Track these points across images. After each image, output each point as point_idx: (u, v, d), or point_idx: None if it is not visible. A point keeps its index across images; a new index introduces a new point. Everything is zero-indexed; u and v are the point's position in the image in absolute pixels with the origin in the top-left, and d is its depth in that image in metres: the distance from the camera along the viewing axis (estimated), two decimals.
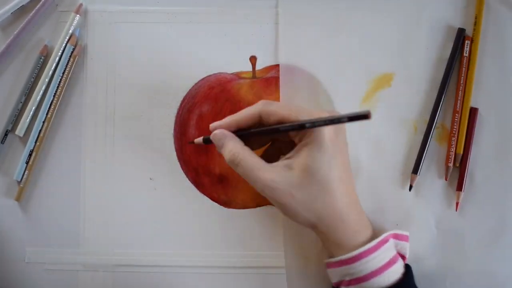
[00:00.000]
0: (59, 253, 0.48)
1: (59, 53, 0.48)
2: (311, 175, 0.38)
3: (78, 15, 0.48)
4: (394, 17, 0.48)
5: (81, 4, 0.48)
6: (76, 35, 0.48)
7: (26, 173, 0.47)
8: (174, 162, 0.48)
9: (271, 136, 0.43)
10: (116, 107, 0.48)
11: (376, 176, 0.47)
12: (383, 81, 0.47)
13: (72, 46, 0.48)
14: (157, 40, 0.48)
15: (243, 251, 0.48)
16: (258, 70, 0.48)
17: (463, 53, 0.47)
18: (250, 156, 0.39)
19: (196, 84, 0.48)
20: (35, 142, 0.48)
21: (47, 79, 0.48)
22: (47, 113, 0.48)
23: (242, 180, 0.46)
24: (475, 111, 0.47)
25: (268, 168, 0.39)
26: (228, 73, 0.48)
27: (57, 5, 0.49)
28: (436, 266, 0.46)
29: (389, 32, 0.48)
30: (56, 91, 0.48)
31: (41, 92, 0.48)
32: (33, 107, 0.48)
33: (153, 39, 0.49)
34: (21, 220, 0.48)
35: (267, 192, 0.39)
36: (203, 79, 0.48)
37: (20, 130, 0.48)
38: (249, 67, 0.48)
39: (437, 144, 0.47)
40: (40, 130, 0.48)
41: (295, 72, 0.48)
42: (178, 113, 0.48)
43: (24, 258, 0.48)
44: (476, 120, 0.47)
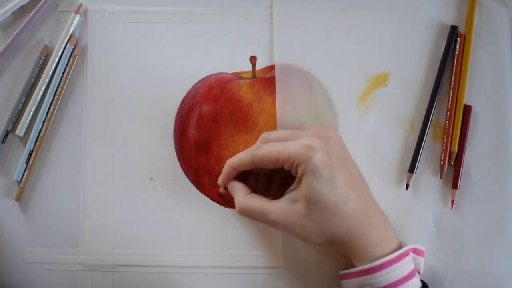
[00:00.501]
0: (59, 253, 0.48)
1: (59, 53, 0.48)
2: (315, 204, 0.38)
3: (78, 15, 0.48)
4: (390, 17, 0.48)
5: (81, 4, 0.48)
6: (76, 35, 0.48)
7: (26, 173, 0.47)
8: (174, 162, 0.48)
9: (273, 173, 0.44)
10: (116, 107, 0.48)
11: (373, 176, 0.47)
12: (379, 81, 0.47)
13: (72, 46, 0.48)
14: (157, 40, 0.48)
15: (243, 251, 0.48)
16: (258, 70, 0.48)
17: (456, 51, 0.47)
18: (255, 203, 0.41)
19: (196, 84, 0.48)
20: (35, 142, 0.48)
21: (47, 79, 0.48)
22: (47, 113, 0.48)
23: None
24: (469, 109, 0.47)
25: (275, 208, 0.40)
26: (228, 73, 0.48)
27: (57, 5, 0.49)
28: (436, 265, 0.46)
29: (385, 32, 0.48)
30: (56, 91, 0.48)
31: (41, 92, 0.48)
32: (33, 107, 0.48)
33: (153, 39, 0.49)
34: (21, 220, 0.48)
35: (281, 228, 0.40)
36: (203, 79, 0.48)
37: (20, 130, 0.48)
38: (249, 67, 0.48)
39: (433, 143, 0.47)
40: (40, 130, 0.48)
41: (292, 72, 0.47)
42: (178, 113, 0.48)
43: (24, 258, 0.48)
44: (470, 118, 0.47)
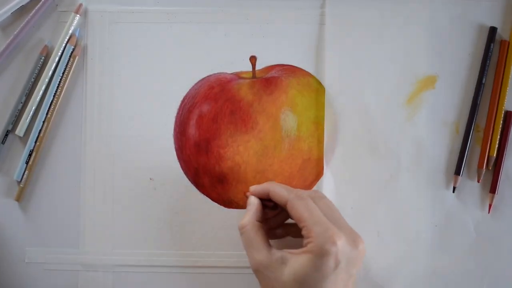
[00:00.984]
0: (59, 253, 0.48)
1: (59, 53, 0.48)
2: (298, 285, 0.36)
3: (78, 15, 0.48)
4: (438, 19, 0.48)
5: (81, 4, 0.48)
6: (76, 35, 0.48)
7: (26, 173, 0.47)
8: (174, 162, 0.48)
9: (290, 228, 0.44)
10: (116, 107, 0.48)
11: (417, 177, 0.47)
12: (427, 83, 0.48)
13: (72, 46, 0.48)
14: (157, 40, 0.48)
15: (243, 251, 0.47)
16: (258, 70, 0.48)
17: (495, 54, 0.47)
18: (253, 233, 0.40)
19: (196, 84, 0.48)
20: (35, 142, 0.48)
21: (47, 79, 0.48)
22: (47, 113, 0.48)
23: (242, 180, 0.46)
24: (510, 114, 0.47)
25: (264, 252, 0.39)
26: (228, 73, 0.48)
27: (57, 5, 0.49)
28: (475, 269, 0.47)
29: (433, 34, 0.48)
30: (56, 91, 0.48)
31: (41, 92, 0.48)
32: (33, 107, 0.48)
33: (153, 39, 0.49)
34: (21, 220, 0.48)
35: (253, 271, 0.39)
36: (203, 79, 0.48)
37: (20, 130, 0.48)
38: (249, 67, 0.48)
39: (477, 147, 0.48)
40: (40, 130, 0.48)
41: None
42: (178, 113, 0.48)
43: (24, 258, 0.48)
44: (511, 123, 0.47)
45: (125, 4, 0.49)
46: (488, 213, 0.47)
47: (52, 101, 0.48)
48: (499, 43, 0.48)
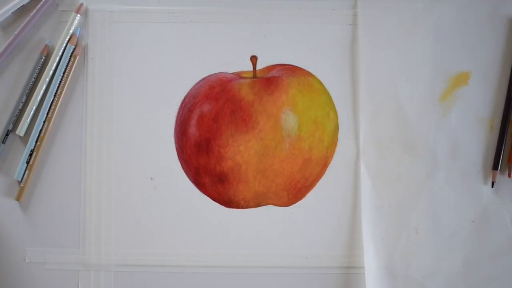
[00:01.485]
0: (60, 253, 0.48)
1: (60, 53, 0.48)
2: None
3: (79, 15, 0.48)
4: (470, 15, 0.48)
5: (82, 4, 0.48)
6: (77, 35, 0.48)
7: (27, 173, 0.47)
8: (175, 162, 0.48)
9: None
10: (117, 107, 0.48)
11: (454, 173, 0.48)
12: (460, 80, 0.48)
13: (73, 46, 0.48)
14: (158, 40, 0.49)
15: (243, 251, 0.48)
16: (259, 70, 0.48)
17: None
18: None
19: (197, 84, 0.48)
20: (36, 142, 0.48)
21: (48, 79, 0.48)
22: (48, 113, 0.48)
23: (243, 180, 0.46)
24: None
25: None
26: (229, 73, 0.48)
27: (58, 5, 0.49)
28: None
29: (465, 30, 0.48)
30: (57, 91, 0.48)
31: (42, 92, 0.48)
32: (34, 107, 0.48)
33: (154, 39, 0.49)
34: (21, 220, 0.48)
35: None
36: (204, 79, 0.48)
37: (21, 130, 0.48)
38: (250, 67, 0.48)
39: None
40: (41, 130, 0.48)
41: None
42: (179, 113, 0.48)
43: (24, 258, 0.48)
44: None
45: (126, 4, 0.49)
46: None
47: (53, 101, 0.48)
48: None
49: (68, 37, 0.48)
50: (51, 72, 0.48)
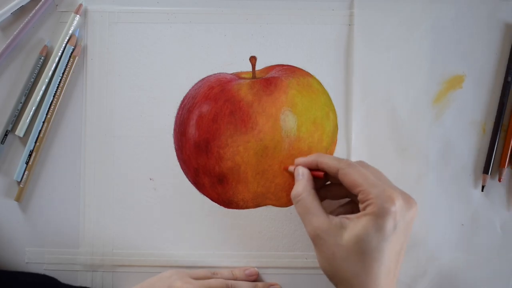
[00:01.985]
0: (59, 254, 0.48)
1: (59, 54, 0.48)
2: (359, 248, 0.37)
3: (78, 16, 0.48)
4: (467, 19, 0.48)
5: (81, 5, 0.48)
6: (76, 36, 0.48)
7: (26, 174, 0.47)
8: (174, 162, 0.48)
9: (346, 193, 0.43)
10: (116, 107, 0.48)
11: (445, 176, 0.48)
12: (455, 83, 0.48)
13: (72, 47, 0.48)
14: (157, 40, 0.48)
15: (243, 251, 0.48)
16: (258, 70, 0.48)
17: None
18: (310, 200, 0.40)
19: (196, 84, 0.48)
20: (35, 143, 0.48)
21: (47, 80, 0.48)
22: (47, 114, 0.48)
23: (242, 181, 0.46)
24: None
25: (323, 217, 0.39)
26: (228, 73, 0.48)
27: (57, 6, 0.49)
28: (501, 268, 0.47)
29: (461, 34, 0.48)
30: (56, 92, 0.48)
31: (41, 93, 0.48)
32: (33, 108, 0.48)
33: (153, 39, 0.49)
34: (21, 220, 0.48)
35: (311, 237, 0.39)
36: (203, 79, 0.48)
37: (20, 131, 0.48)
38: (249, 68, 0.48)
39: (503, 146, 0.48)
40: (40, 131, 0.48)
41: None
42: (178, 113, 0.48)
43: (24, 258, 0.48)
44: None
45: (125, 4, 0.49)
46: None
47: (52, 101, 0.48)
48: None
49: (67, 38, 0.48)
50: (51, 73, 0.48)
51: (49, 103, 0.48)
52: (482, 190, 0.48)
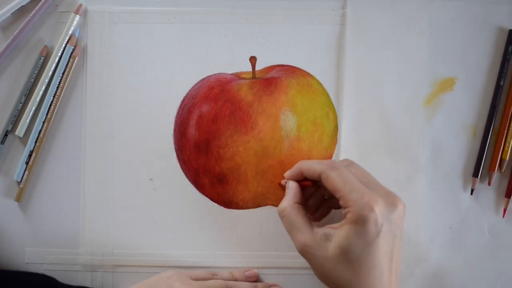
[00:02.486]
0: (59, 254, 0.48)
1: (59, 54, 0.48)
2: (344, 257, 0.37)
3: (78, 16, 0.48)
4: (461, 22, 0.48)
5: (81, 5, 0.48)
6: (76, 36, 0.48)
7: (26, 174, 0.47)
8: (174, 163, 0.48)
9: (330, 201, 0.44)
10: (116, 107, 0.48)
11: (434, 178, 0.47)
12: (446, 85, 0.48)
13: (72, 47, 0.48)
14: (157, 40, 0.48)
15: (243, 252, 0.48)
16: (258, 71, 0.48)
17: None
18: (294, 215, 0.40)
19: (196, 85, 0.48)
20: (35, 143, 0.48)
21: (47, 80, 0.48)
22: (47, 114, 0.48)
23: (242, 181, 0.46)
24: None
25: (307, 232, 0.39)
26: (228, 74, 0.48)
27: (57, 6, 0.49)
28: (487, 271, 0.47)
29: (455, 36, 0.48)
30: (56, 92, 0.48)
31: (41, 93, 0.48)
32: (33, 108, 0.48)
33: (153, 40, 0.48)
34: (21, 220, 0.48)
35: (299, 252, 0.40)
36: (203, 80, 0.48)
37: (20, 131, 0.48)
38: (249, 68, 0.48)
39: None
40: (40, 131, 0.48)
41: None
42: (178, 113, 0.48)
43: (24, 258, 0.48)
44: None
45: (125, 5, 0.49)
46: (503, 217, 0.47)
47: (52, 102, 0.48)
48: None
49: (67, 38, 0.48)
50: (50, 73, 0.48)
51: (49, 103, 0.48)
52: (472, 194, 0.47)
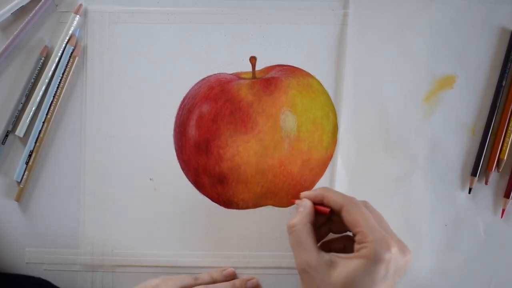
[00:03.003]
0: (59, 254, 0.48)
1: (59, 54, 0.48)
2: (347, 287, 0.37)
3: (78, 16, 0.48)
4: (462, 21, 0.48)
5: (81, 5, 0.48)
6: (76, 36, 0.48)
7: (26, 174, 0.47)
8: (174, 163, 0.48)
9: (347, 230, 0.43)
10: (116, 107, 0.48)
11: (431, 176, 0.47)
12: (446, 83, 0.48)
13: (72, 47, 0.48)
14: (157, 41, 0.48)
15: (243, 252, 0.48)
16: (258, 71, 0.48)
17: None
18: (304, 234, 0.40)
19: (196, 85, 0.48)
20: (35, 143, 0.48)
21: (47, 80, 0.48)
22: (47, 114, 0.48)
23: (242, 181, 0.46)
24: None
25: (313, 253, 0.39)
26: (228, 74, 0.48)
27: (57, 6, 0.49)
28: (482, 271, 0.47)
29: (456, 35, 0.48)
30: (56, 92, 0.48)
31: (41, 93, 0.48)
32: (33, 108, 0.48)
33: (153, 40, 0.48)
34: (21, 221, 0.48)
35: (299, 270, 0.40)
36: (203, 80, 0.48)
37: (20, 131, 0.48)
38: (249, 68, 0.48)
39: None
40: (40, 131, 0.48)
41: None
42: (178, 113, 0.48)
43: (24, 258, 0.48)
44: None
45: (125, 5, 0.49)
46: (501, 218, 0.47)
47: (52, 102, 0.48)
48: None
49: (67, 38, 0.48)
50: (51, 73, 0.48)
51: (49, 103, 0.48)
52: (469, 193, 0.47)
